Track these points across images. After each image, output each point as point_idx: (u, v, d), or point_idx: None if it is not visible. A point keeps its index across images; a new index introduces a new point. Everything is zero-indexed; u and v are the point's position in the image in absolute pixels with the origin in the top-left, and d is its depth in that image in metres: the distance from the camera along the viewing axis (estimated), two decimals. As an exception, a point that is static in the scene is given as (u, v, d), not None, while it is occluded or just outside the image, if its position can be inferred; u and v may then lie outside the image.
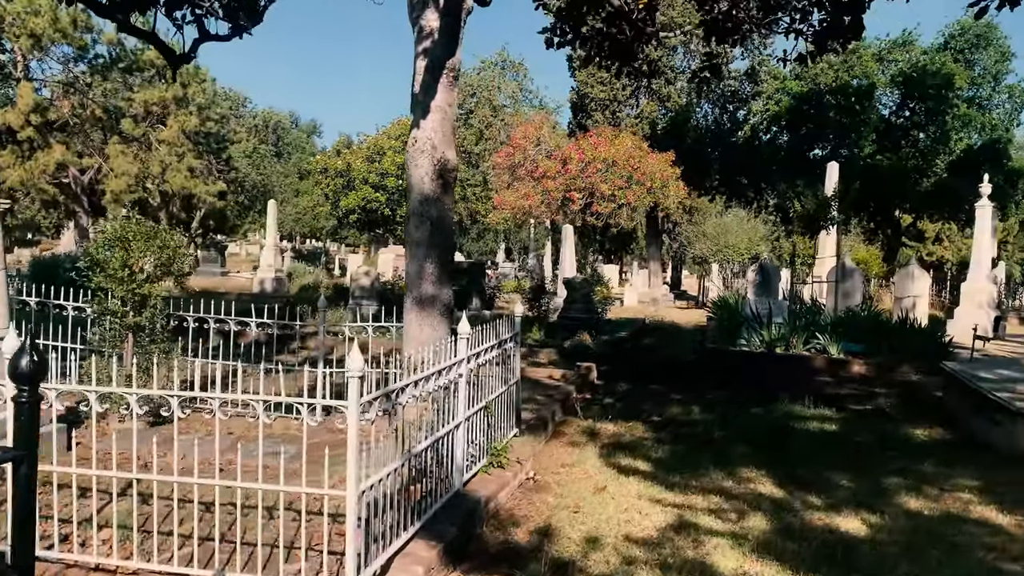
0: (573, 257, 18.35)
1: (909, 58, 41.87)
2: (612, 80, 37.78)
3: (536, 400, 8.66)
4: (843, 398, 9.64)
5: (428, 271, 5.99)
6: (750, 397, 9.44)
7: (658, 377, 10.97)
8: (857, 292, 16.69)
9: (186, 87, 32.84)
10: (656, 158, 24.95)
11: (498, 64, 42.53)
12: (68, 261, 20.02)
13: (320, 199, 48.58)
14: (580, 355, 12.49)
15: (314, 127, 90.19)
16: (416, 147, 5.95)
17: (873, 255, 28.76)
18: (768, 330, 12.25)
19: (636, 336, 15.77)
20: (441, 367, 4.71)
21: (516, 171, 26.24)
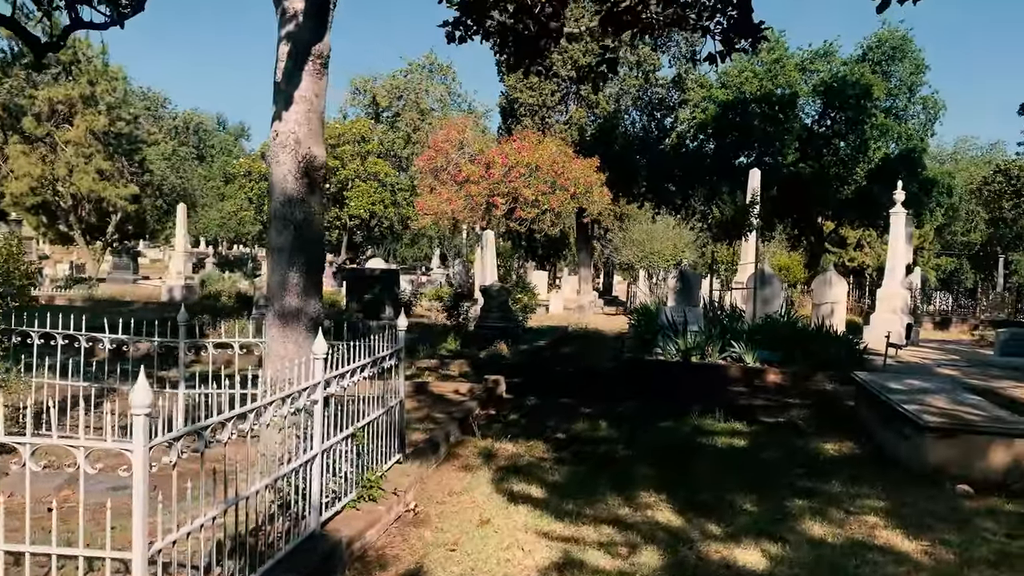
0: (494, 263, 17.87)
1: (830, 68, 42.82)
2: (541, 85, 37.57)
3: (434, 419, 8.11)
4: (756, 410, 9.34)
5: (292, 281, 5.37)
6: (662, 410, 9.07)
7: (571, 389, 10.53)
8: (777, 299, 16.61)
9: (94, 85, 31.25)
10: (580, 163, 24.69)
11: (425, 67, 41.86)
12: None
13: (244, 203, 47.15)
14: (494, 366, 11.99)
15: (242, 130, 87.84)
16: (278, 142, 5.33)
17: (795, 261, 29.11)
18: (684, 338, 11.96)
19: (555, 345, 15.35)
20: (284, 394, 4.11)
21: (439, 175, 25.65)
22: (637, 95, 40.74)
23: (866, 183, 40.28)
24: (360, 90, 51.25)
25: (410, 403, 8.81)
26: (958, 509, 5.73)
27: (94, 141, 31.60)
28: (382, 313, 14.90)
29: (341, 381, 4.94)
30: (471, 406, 8.44)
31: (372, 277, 15.22)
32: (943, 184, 42.50)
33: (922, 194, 39.15)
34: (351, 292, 15.18)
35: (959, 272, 59.70)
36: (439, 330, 15.88)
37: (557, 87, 38.24)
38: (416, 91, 41.17)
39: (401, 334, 6.24)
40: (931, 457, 6.56)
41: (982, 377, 12.61)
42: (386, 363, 5.83)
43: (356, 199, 44.42)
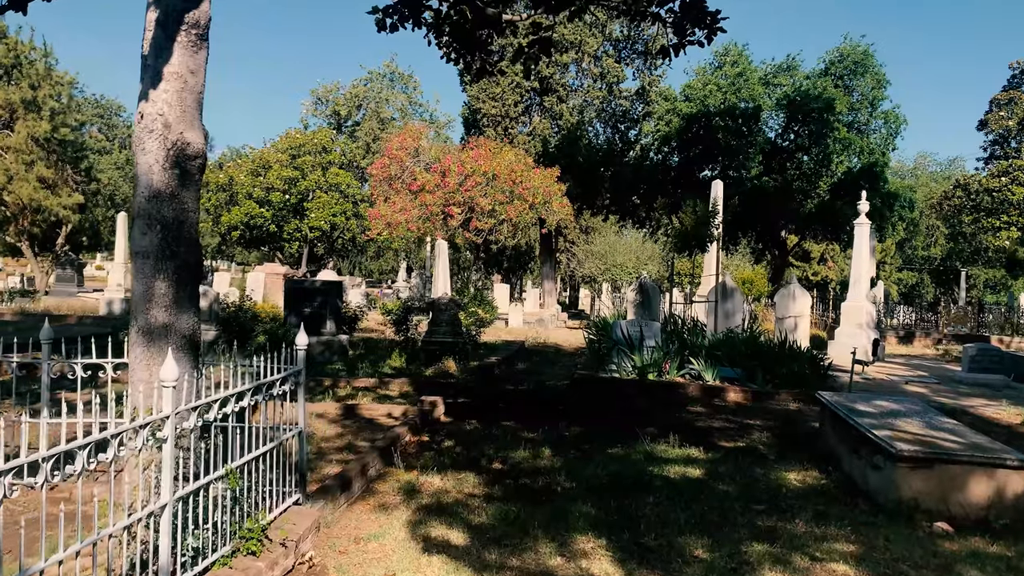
0: (447, 275, 17.04)
1: (793, 82, 42.81)
2: (504, 96, 37.01)
3: (356, 448, 7.25)
4: (714, 433, 8.62)
5: (159, 291, 4.51)
6: (613, 433, 8.31)
7: (518, 410, 9.72)
8: (738, 313, 16.01)
9: (36, 89, 29.93)
10: (540, 173, 24.00)
11: (386, 76, 41.04)
12: None
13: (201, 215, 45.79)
14: (438, 386, 11.16)
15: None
16: (143, 126, 4.49)
17: (759, 274, 28.69)
18: (639, 354, 11.24)
19: (508, 361, 14.55)
20: (98, 437, 3.24)
21: (393, 183, 24.78)
22: (601, 107, 40.33)
23: (829, 197, 40.19)
24: (322, 100, 50.29)
25: (333, 429, 7.95)
26: (937, 553, 5.02)
27: (36, 148, 30.24)
28: (323, 328, 13.98)
29: (206, 414, 4.09)
30: (399, 432, 7.59)
31: (313, 289, 14.30)
32: (905, 198, 42.59)
33: (884, 208, 39.12)
34: (290, 305, 14.25)
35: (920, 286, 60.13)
36: (386, 346, 15.01)
37: (520, 98, 37.71)
38: (376, 100, 40.29)
39: (301, 354, 5.38)
40: (905, 490, 5.85)
41: (952, 395, 12.06)
42: (277, 389, 4.97)
43: (317, 210, 43.43)
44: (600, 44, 39.10)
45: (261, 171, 42.23)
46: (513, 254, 54.12)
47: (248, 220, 42.45)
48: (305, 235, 44.71)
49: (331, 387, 10.95)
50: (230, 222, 42.53)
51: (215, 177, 42.26)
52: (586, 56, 38.72)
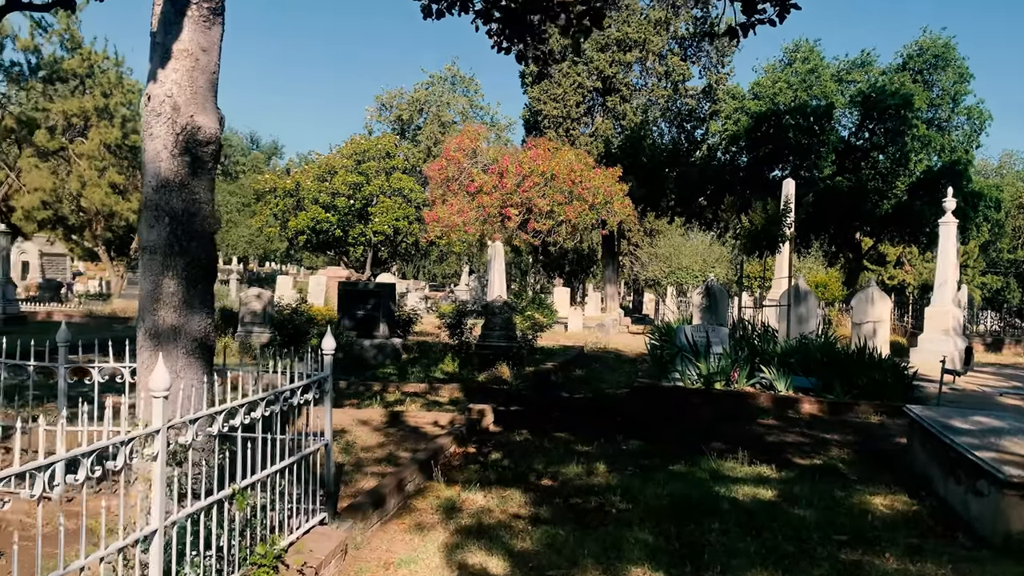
0: (503, 278, 16.56)
1: (868, 79, 41.07)
2: (565, 96, 36.42)
3: (396, 459, 6.78)
4: (788, 449, 7.88)
5: (168, 291, 4.11)
6: (675, 448, 7.66)
7: (572, 420, 9.14)
8: (812, 317, 15.08)
9: (108, 97, 30.67)
10: (601, 173, 23.30)
11: (447, 79, 40.88)
12: None
13: (269, 219, 46.65)
14: (490, 392, 10.65)
15: (275, 148, 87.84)
16: (150, 108, 4.10)
17: (833, 278, 27.38)
18: (705, 362, 10.52)
19: (565, 367, 13.96)
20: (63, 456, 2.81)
21: (450, 185, 24.44)
22: (666, 106, 39.34)
23: (907, 197, 38.36)
24: (386, 106, 50.56)
25: (376, 438, 7.52)
26: (1060, 601, 4.26)
27: (108, 155, 30.99)
28: (376, 331, 13.64)
29: (208, 426, 3.65)
30: (443, 443, 7.10)
31: (366, 292, 13.98)
32: (990, 198, 40.37)
33: (968, 208, 37.09)
34: (343, 308, 13.96)
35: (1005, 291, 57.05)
36: (440, 349, 14.59)
37: (582, 98, 37.06)
38: (438, 104, 40.16)
39: (327, 359, 4.94)
40: (1015, 522, 5.07)
41: (1054, 409, 10.96)
42: (296, 398, 4.51)
43: (380, 215, 43.52)
44: (665, 42, 38.17)
45: (327, 176, 42.55)
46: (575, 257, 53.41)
47: (314, 225, 42.81)
48: (369, 239, 44.90)
49: (380, 392, 10.57)
50: (297, 227, 42.98)
51: (282, 183, 42.87)
52: (650, 54, 37.82)
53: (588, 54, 37.00)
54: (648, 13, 37.76)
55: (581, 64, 36.94)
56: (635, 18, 37.39)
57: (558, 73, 36.71)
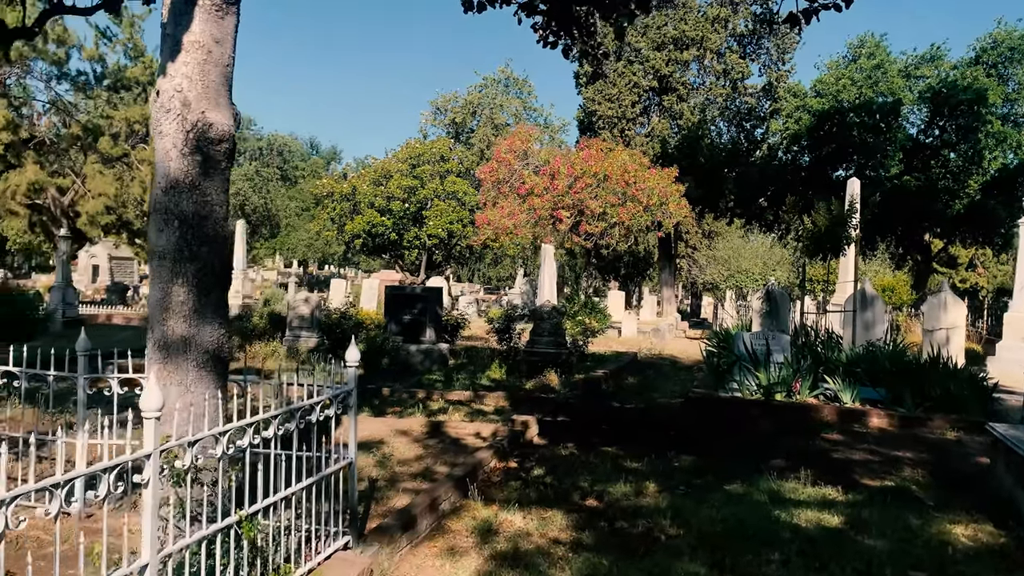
0: (553, 281, 16.16)
1: (938, 73, 39.43)
2: (620, 96, 35.80)
3: (433, 474, 6.44)
4: (855, 467, 7.29)
5: (177, 299, 3.85)
6: (732, 465, 7.15)
7: (622, 433, 8.69)
8: (879, 323, 14.27)
9: (168, 104, 31.26)
10: (656, 173, 22.68)
11: (501, 81, 40.62)
12: (37, 299, 17.94)
13: (327, 223, 47.22)
14: (536, 401, 10.27)
15: (334, 154, 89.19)
16: (159, 104, 3.85)
17: (901, 281, 26.16)
18: (765, 371, 9.94)
19: (617, 375, 13.47)
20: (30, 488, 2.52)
21: (501, 187, 24.11)
22: (724, 105, 38.39)
23: (980, 197, 36.69)
24: (440, 110, 50.66)
25: (414, 450, 7.19)
26: None
27: (168, 160, 31.59)
28: (422, 336, 13.38)
29: (212, 448, 3.35)
30: (482, 458, 6.73)
31: (413, 296, 13.73)
32: (1072, 197, 38.26)
33: (1048, 208, 35.25)
34: (390, 313, 13.74)
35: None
36: (488, 355, 14.27)
37: (638, 98, 36.39)
38: (491, 106, 39.93)
39: (351, 371, 4.61)
40: (1121, 562, 4.46)
41: None
42: (316, 414, 4.20)
43: (435, 218, 43.54)
44: (723, 39, 37.24)
45: (383, 181, 42.78)
46: (630, 260, 52.67)
47: (370, 228, 43.06)
48: (424, 243, 44.99)
49: (424, 400, 10.28)
50: (353, 230, 43.32)
51: (339, 187, 43.35)
52: (708, 52, 36.94)
53: (644, 53, 36.36)
54: (706, 10, 36.90)
55: (636, 63, 36.32)
56: (692, 16, 36.58)
57: (613, 73, 36.14)
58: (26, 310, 15.29)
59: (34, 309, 15.77)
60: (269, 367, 12.88)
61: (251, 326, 14.33)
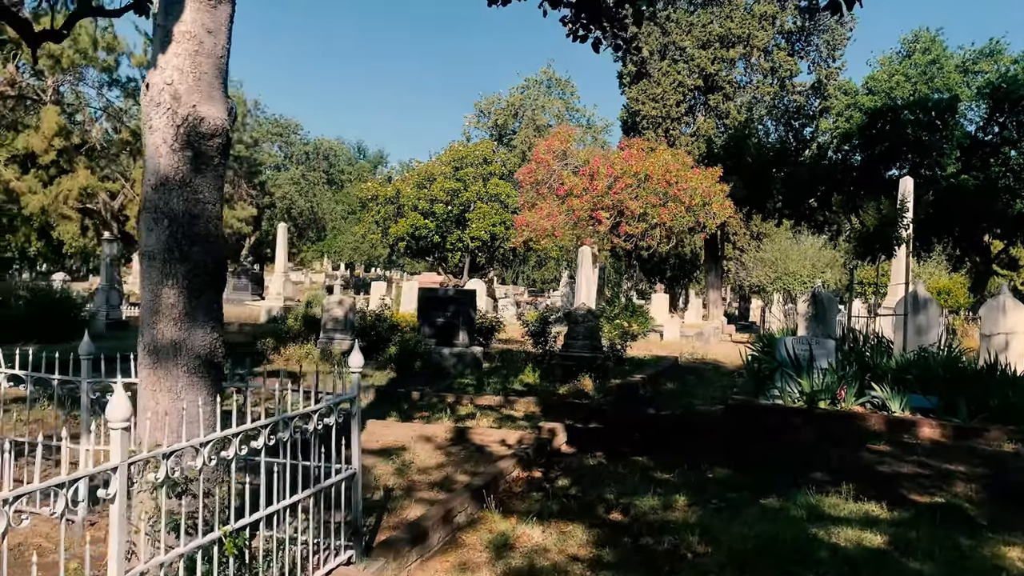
0: (590, 284, 15.80)
1: (997, 68, 38.02)
2: (665, 96, 35.22)
3: (452, 483, 6.20)
4: (902, 482, 6.84)
5: (168, 301, 3.67)
6: (769, 478, 6.76)
7: (654, 442, 8.35)
8: (933, 327, 13.63)
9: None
10: (700, 173, 22.14)
11: (543, 82, 40.34)
12: (80, 300, 18.26)
13: (372, 227, 47.63)
14: (568, 407, 9.98)
15: (380, 157, 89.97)
16: (148, 98, 3.69)
17: (957, 284, 25.16)
18: (808, 378, 9.49)
19: (655, 380, 13.09)
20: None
21: (539, 189, 23.81)
22: (772, 103, 37.51)
23: (1044, 195, 35.29)
24: (484, 112, 50.56)
25: (435, 457, 6.97)
26: None
27: (214, 164, 32.08)
28: (455, 339, 13.19)
29: (194, 459, 3.15)
30: (503, 468, 6.47)
31: (446, 298, 13.55)
32: None
33: (1116, 208, 33.78)
34: (423, 315, 13.58)
35: None
36: (523, 359, 14.01)
37: (682, 97, 35.77)
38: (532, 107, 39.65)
39: (354, 378, 4.40)
40: None
41: None
42: (313, 423, 3.99)
43: (478, 221, 43.50)
44: (771, 37, 36.40)
45: (426, 184, 42.92)
46: (677, 262, 51.99)
47: (413, 231, 43.25)
48: (467, 245, 44.99)
49: (453, 404, 10.07)
50: (397, 233, 43.55)
51: (383, 190, 43.68)
52: (755, 50, 36.15)
53: (689, 52, 35.74)
54: (752, 7, 36.11)
55: (681, 62, 35.70)
56: (738, 13, 35.83)
57: (657, 72, 35.61)
58: (67, 311, 15.51)
59: (75, 310, 16.01)
60: (303, 370, 12.82)
61: (285, 328, 14.31)
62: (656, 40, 36.09)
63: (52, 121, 28.17)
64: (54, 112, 28.46)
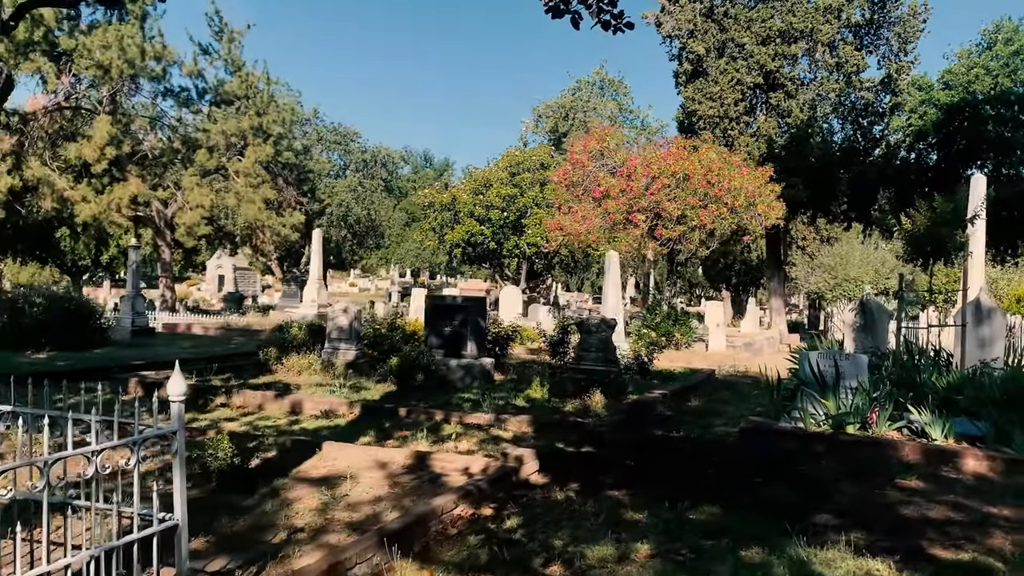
0: (618, 292, 14.77)
1: (1090, 57, 35.35)
2: (723, 94, 33.71)
3: (373, 523, 5.35)
4: (926, 530, 5.66)
5: None
6: (760, 521, 5.69)
7: (644, 471, 7.33)
8: (999, 341, 12.13)
9: (261, 115, 31.80)
10: (748, 173, 20.76)
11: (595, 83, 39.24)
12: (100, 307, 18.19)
13: (429, 234, 47.48)
14: (563, 428, 9.04)
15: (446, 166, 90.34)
16: None
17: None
18: (834, 398, 8.30)
19: (680, 396, 11.98)
20: None
21: (575, 191, 22.78)
22: (838, 100, 35.49)
23: None
24: (542, 117, 49.74)
25: (378, 489, 6.17)
26: None
27: (262, 171, 32.15)
28: (463, 350, 12.35)
29: None
30: (441, 504, 5.58)
31: (453, 307, 12.74)
32: None
33: None
34: (430, 325, 12.80)
35: None
36: (539, 371, 13.10)
37: (741, 95, 34.17)
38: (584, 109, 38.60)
39: (175, 409, 3.58)
40: None
41: None
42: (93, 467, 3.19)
43: (534, 226, 42.69)
44: (836, 31, 34.45)
45: (482, 190, 42.45)
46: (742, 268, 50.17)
47: (469, 238, 42.81)
48: (524, 251, 44.23)
49: (440, 423, 9.25)
50: (453, 240, 43.20)
51: (439, 197, 43.47)
52: (819, 45, 34.26)
53: (748, 48, 34.12)
54: (816, 0, 34.28)
55: (740, 59, 34.10)
56: (801, 7, 34.04)
57: (714, 70, 34.13)
58: (84, 319, 15.32)
59: (92, 318, 15.82)
60: (303, 381, 12.21)
61: (290, 337, 13.74)
62: (713, 37, 34.69)
63: (104, 131, 28.55)
64: (106, 122, 28.85)
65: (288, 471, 6.60)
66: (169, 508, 3.69)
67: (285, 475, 6.48)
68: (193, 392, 10.90)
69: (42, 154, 29.49)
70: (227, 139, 31.83)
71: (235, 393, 10.62)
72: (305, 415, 9.90)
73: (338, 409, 9.93)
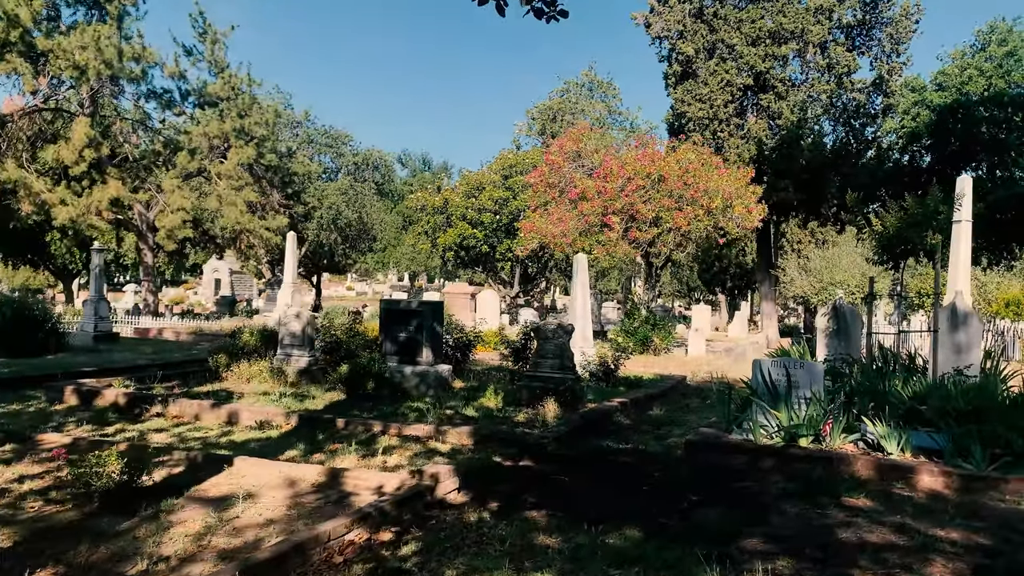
0: (586, 296, 14.29)
1: (1084, 58, 34.89)
2: (712, 96, 33.29)
3: (251, 550, 4.90)
4: (860, 556, 5.19)
5: None
6: (679, 547, 5.23)
7: (575, 490, 6.87)
8: (975, 347, 11.67)
9: (244, 117, 31.40)
10: (726, 174, 20.30)
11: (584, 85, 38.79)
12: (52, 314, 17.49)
13: (421, 237, 47.10)
14: (503, 441, 8.58)
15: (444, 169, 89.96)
16: None
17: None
18: (786, 409, 7.84)
19: (642, 404, 11.51)
20: None
21: (551, 192, 22.31)
22: (829, 102, 35.02)
23: None
24: (535, 119, 49.28)
25: (276, 511, 5.71)
26: None
27: (244, 174, 31.74)
28: (418, 357, 11.89)
29: None
30: (327, 530, 5.11)
31: (408, 312, 12.27)
32: None
33: None
34: (384, 330, 12.33)
35: None
36: (500, 379, 12.63)
37: (731, 97, 33.73)
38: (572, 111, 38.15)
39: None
40: None
41: None
42: None
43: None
44: (827, 31, 34.01)
45: (475, 193, 42.05)
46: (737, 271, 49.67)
47: (461, 241, 42.43)
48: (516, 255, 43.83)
49: (378, 434, 8.80)
50: (445, 243, 42.81)
51: (432, 200, 43.08)
52: (810, 46, 33.84)
53: (738, 49, 33.69)
54: (807, 1, 33.86)
55: (730, 60, 33.67)
56: (791, 7, 33.62)
57: (704, 71, 33.72)
58: (39, 324, 14.88)
59: (47, 323, 15.39)
60: (249, 389, 11.76)
61: (241, 343, 13.30)
62: (703, 38, 34.29)
63: (82, 132, 28.15)
64: (84, 123, 28.46)
65: (185, 490, 6.15)
66: None
67: (180, 494, 6.03)
68: (129, 401, 10.48)
69: (20, 156, 29.10)
70: (209, 141, 31.44)
71: (172, 402, 10.17)
72: (240, 426, 9.46)
73: (274, 420, 9.48)
